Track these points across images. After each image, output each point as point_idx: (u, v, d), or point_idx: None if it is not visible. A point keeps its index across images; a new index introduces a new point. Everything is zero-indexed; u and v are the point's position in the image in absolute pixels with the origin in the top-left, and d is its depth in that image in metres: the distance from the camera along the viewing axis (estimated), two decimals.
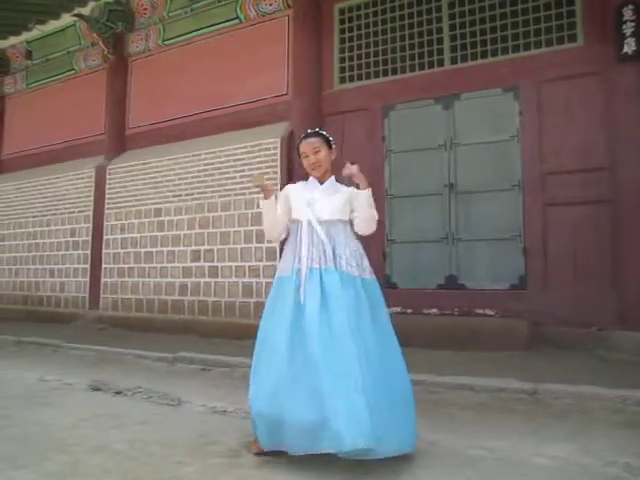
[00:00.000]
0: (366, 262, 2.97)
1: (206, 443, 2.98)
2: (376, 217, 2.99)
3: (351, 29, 7.14)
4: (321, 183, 3.04)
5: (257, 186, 3.09)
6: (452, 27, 6.48)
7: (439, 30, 6.55)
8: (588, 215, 5.61)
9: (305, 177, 3.18)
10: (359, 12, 7.09)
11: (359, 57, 7.05)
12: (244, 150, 7.27)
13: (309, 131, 3.11)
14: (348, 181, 2.96)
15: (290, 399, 2.57)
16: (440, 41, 6.54)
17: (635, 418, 3.33)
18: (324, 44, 7.26)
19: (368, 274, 2.93)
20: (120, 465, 2.67)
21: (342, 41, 7.19)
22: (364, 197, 2.93)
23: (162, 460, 2.73)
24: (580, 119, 5.72)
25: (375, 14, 6.98)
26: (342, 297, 2.73)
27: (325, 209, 2.95)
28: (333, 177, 3.08)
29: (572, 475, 2.49)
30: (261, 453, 2.76)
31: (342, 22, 7.22)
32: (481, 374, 4.18)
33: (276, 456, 2.72)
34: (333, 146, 3.08)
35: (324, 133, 3.08)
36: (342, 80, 7.16)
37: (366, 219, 2.96)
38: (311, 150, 3.01)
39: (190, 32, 8.34)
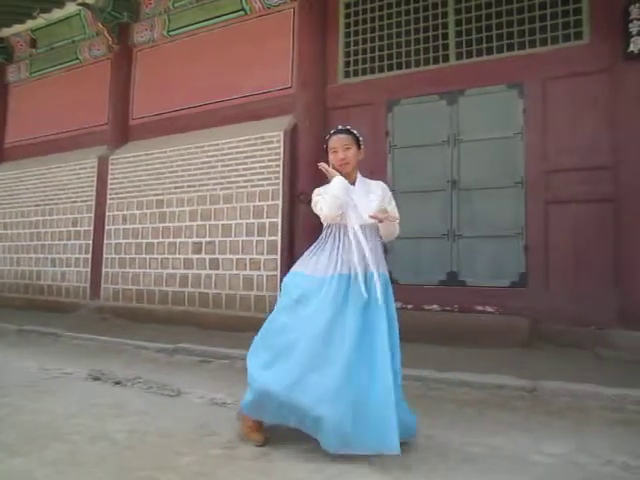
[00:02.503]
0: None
1: (204, 434, 2.99)
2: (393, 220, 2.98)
3: (356, 23, 7.11)
4: (352, 184, 3.01)
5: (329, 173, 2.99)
6: (458, 22, 6.44)
7: (445, 25, 6.52)
8: (590, 214, 5.60)
9: (311, 174, 3.16)
10: (365, 6, 7.05)
11: (364, 51, 7.02)
12: (247, 143, 7.26)
13: (340, 127, 3.08)
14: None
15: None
16: (445, 36, 6.51)
17: (633, 417, 3.33)
18: (329, 38, 7.22)
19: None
20: (119, 454, 2.68)
21: (347, 35, 7.16)
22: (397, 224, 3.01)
23: (160, 450, 2.74)
24: (585, 117, 5.70)
25: (381, 8, 6.94)
26: (384, 302, 2.81)
27: (365, 213, 2.92)
28: (359, 175, 3.07)
29: (569, 473, 2.50)
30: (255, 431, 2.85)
31: (347, 16, 7.19)
32: (480, 371, 4.18)
33: (274, 448, 2.74)
34: (362, 146, 3.07)
35: (355, 132, 3.05)
36: (346, 74, 7.13)
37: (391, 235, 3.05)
38: (341, 146, 2.98)
39: (195, 23, 8.31)
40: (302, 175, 6.82)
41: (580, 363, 4.67)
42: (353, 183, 3.01)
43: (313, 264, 2.94)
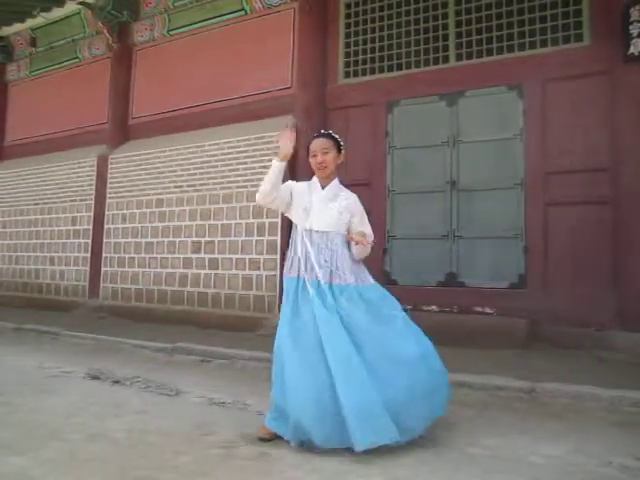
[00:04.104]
0: (361, 268, 3.06)
1: (203, 434, 2.99)
2: (371, 243, 3.01)
3: (357, 24, 7.11)
4: (323, 187, 3.08)
5: (281, 141, 2.99)
6: (458, 24, 6.45)
7: (445, 26, 6.53)
8: (589, 215, 5.60)
9: (309, 176, 3.19)
10: (365, 7, 7.06)
11: (364, 52, 7.02)
12: (247, 142, 7.26)
13: (322, 132, 3.17)
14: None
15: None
16: (446, 37, 6.51)
17: (631, 419, 3.33)
18: (329, 38, 7.23)
19: (368, 280, 3.03)
20: (117, 453, 2.68)
21: (347, 35, 7.16)
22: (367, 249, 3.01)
23: (159, 449, 2.74)
24: (584, 119, 5.70)
25: (381, 9, 6.95)
26: (329, 308, 2.82)
27: (320, 219, 2.99)
28: (337, 180, 3.13)
29: (567, 474, 2.50)
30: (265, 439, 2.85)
31: (348, 16, 7.19)
32: (479, 372, 4.18)
33: (272, 447, 2.74)
34: (342, 151, 3.12)
35: (336, 136, 3.11)
36: (347, 75, 7.14)
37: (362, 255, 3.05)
38: (320, 150, 3.04)
39: (195, 23, 8.31)
40: (302, 175, 6.79)
41: (579, 364, 4.67)
42: (324, 187, 3.07)
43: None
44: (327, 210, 3.00)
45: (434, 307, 6.14)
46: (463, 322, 5.79)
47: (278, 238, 6.81)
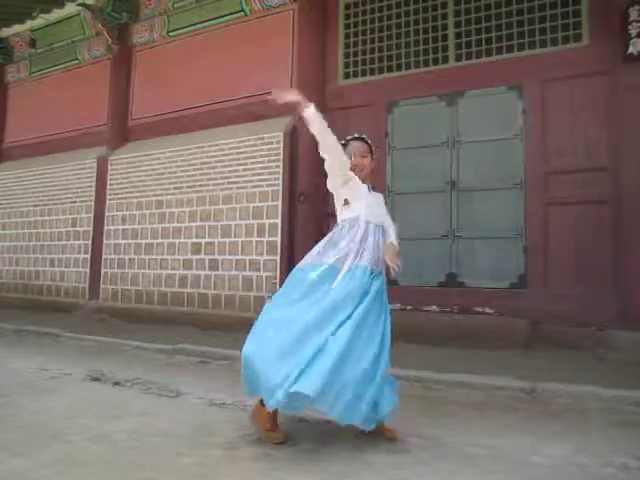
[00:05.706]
0: None
1: (205, 435, 2.99)
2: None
3: (356, 24, 7.12)
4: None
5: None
6: (457, 24, 6.45)
7: (444, 27, 6.53)
8: (590, 215, 5.61)
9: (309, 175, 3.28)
10: (364, 7, 7.06)
11: (364, 52, 7.03)
12: (247, 143, 7.25)
13: (357, 135, 3.31)
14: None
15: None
16: (445, 38, 6.52)
17: (632, 418, 3.33)
18: (329, 39, 7.23)
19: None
20: (119, 455, 2.68)
21: (347, 36, 7.17)
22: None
23: (161, 451, 2.73)
24: (584, 119, 5.71)
25: (381, 9, 6.95)
26: (378, 300, 3.06)
27: (380, 214, 3.22)
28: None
29: (569, 474, 2.50)
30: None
31: (347, 17, 7.20)
32: (480, 372, 4.18)
33: (274, 448, 2.74)
34: (374, 156, 3.31)
35: (370, 142, 3.28)
36: (346, 75, 7.14)
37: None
38: (359, 153, 3.21)
39: (195, 24, 8.31)
40: (302, 176, 6.82)
41: (579, 364, 4.67)
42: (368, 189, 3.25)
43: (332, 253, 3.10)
44: (381, 208, 3.25)
45: (434, 307, 6.14)
46: (463, 322, 5.79)
47: (278, 239, 6.81)
